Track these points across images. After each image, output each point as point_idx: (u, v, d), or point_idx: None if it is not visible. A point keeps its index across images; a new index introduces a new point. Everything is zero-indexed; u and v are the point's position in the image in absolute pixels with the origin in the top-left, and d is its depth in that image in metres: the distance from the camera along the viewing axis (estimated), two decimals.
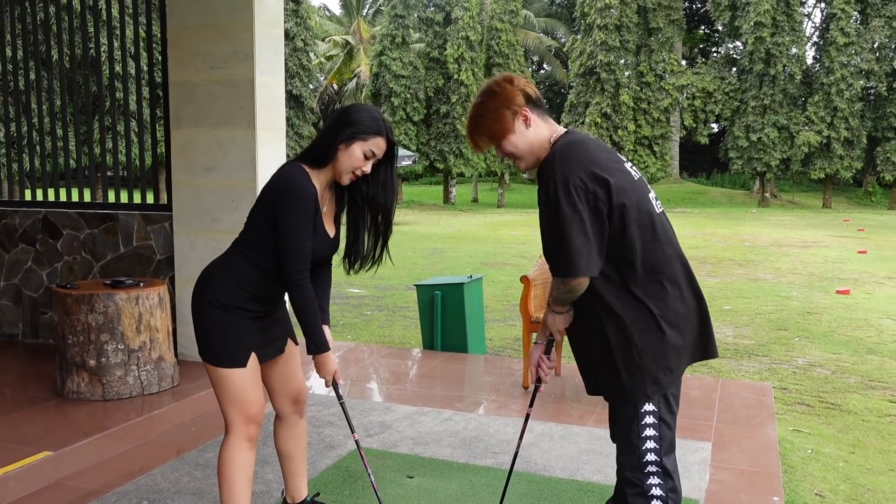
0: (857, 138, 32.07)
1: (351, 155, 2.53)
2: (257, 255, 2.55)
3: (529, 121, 2.33)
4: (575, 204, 2.16)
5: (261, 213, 2.53)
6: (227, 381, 2.55)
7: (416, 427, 4.18)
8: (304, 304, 2.50)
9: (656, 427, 2.28)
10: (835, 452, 4.51)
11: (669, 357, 2.25)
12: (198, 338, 2.60)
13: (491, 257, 14.74)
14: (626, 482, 2.31)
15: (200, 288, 2.61)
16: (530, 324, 4.83)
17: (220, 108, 4.81)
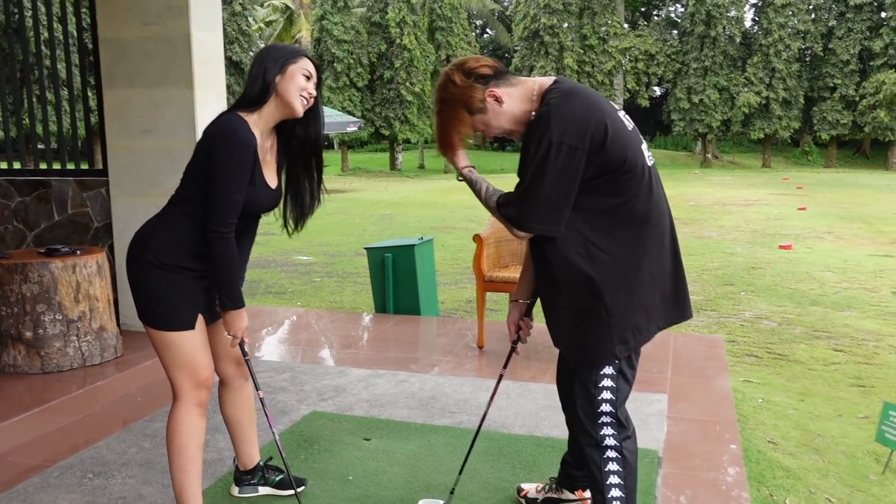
0: (794, 98, 32.83)
1: (292, 79, 2.40)
2: (195, 210, 2.40)
3: (500, 98, 2.22)
4: (560, 163, 2.07)
5: (197, 165, 2.38)
6: (175, 344, 2.42)
7: (370, 390, 4.11)
8: (226, 258, 2.35)
9: (615, 379, 2.24)
10: (784, 401, 4.60)
11: (638, 317, 2.20)
12: (138, 301, 2.45)
13: (440, 221, 14.67)
14: (582, 432, 2.28)
15: (138, 248, 2.45)
16: (484, 283, 4.77)
17: (155, 67, 4.57)
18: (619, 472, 2.22)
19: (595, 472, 2.24)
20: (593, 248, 2.16)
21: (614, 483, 2.21)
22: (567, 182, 2.09)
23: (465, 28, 33.75)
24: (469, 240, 11.83)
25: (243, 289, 2.53)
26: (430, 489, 2.94)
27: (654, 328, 2.25)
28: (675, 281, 2.28)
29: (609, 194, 2.15)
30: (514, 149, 48.31)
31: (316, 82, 2.47)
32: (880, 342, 5.88)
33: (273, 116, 2.45)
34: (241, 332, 2.45)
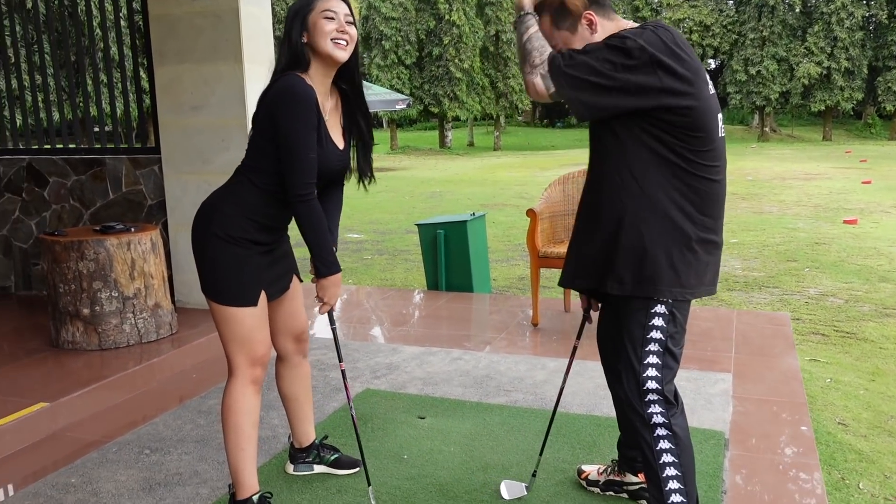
0: (857, 68, 31.57)
1: (315, 30, 2.28)
2: (263, 179, 2.33)
3: (595, 24, 2.10)
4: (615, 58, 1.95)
5: (261, 132, 2.31)
6: (235, 320, 2.36)
7: (424, 367, 4.04)
8: (311, 221, 2.28)
9: (661, 356, 2.12)
10: (854, 381, 4.40)
11: (699, 268, 2.10)
12: (202, 274, 2.40)
13: (490, 199, 14.53)
14: (630, 410, 2.18)
15: (204, 220, 2.39)
16: (538, 259, 4.65)
17: (204, 42, 4.54)
18: (672, 449, 2.11)
19: (647, 451, 2.14)
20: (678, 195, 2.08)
21: (668, 461, 2.11)
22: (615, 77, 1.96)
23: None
24: (520, 217, 11.67)
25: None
26: (487, 469, 2.86)
27: (698, 291, 2.15)
28: (709, 258, 2.17)
29: (690, 151, 2.06)
30: (564, 125, 47.68)
31: (347, 13, 2.33)
32: None
33: (323, 73, 2.35)
34: (334, 299, 2.40)
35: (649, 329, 2.12)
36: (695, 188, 2.08)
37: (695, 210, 2.09)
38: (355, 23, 2.37)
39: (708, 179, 2.10)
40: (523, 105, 34.50)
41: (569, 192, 4.97)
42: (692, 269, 2.11)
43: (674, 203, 2.08)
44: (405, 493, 2.69)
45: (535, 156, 28.46)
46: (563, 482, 2.76)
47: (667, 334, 2.13)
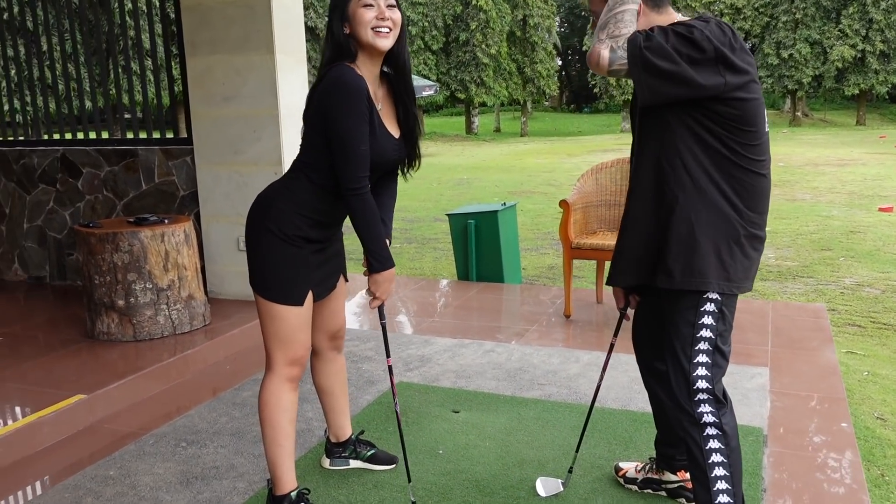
0: (893, 51, 30.85)
1: (356, 19, 2.23)
2: (317, 175, 2.31)
3: (639, 15, 2.06)
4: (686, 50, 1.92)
5: (313, 126, 2.28)
6: (280, 317, 2.35)
7: (457, 360, 4.03)
8: (365, 215, 2.25)
9: (710, 354, 2.10)
10: (892, 374, 4.31)
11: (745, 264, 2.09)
12: (252, 267, 2.39)
13: (518, 186, 14.45)
14: (678, 409, 2.14)
15: (260, 214, 2.37)
16: (571, 250, 4.61)
17: (236, 33, 4.54)
18: (722, 449, 2.08)
19: (696, 451, 2.10)
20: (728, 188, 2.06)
21: (717, 461, 2.07)
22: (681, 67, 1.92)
23: None
24: (549, 204, 11.60)
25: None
26: (523, 465, 2.85)
27: (744, 286, 2.12)
28: (753, 253, 2.13)
29: (739, 144, 2.03)
30: (591, 110, 47.26)
31: (391, 2, 2.26)
32: None
33: (371, 62, 2.30)
34: (387, 294, 2.38)
35: (699, 328, 2.08)
36: (743, 182, 2.05)
37: (742, 204, 2.06)
38: (399, 5, 2.30)
39: (756, 173, 2.06)
40: (550, 90, 34.22)
41: (602, 182, 4.91)
42: (740, 264, 2.09)
43: (724, 195, 2.05)
44: (441, 488, 2.68)
45: (563, 142, 28.25)
46: (600, 479, 2.73)
47: (716, 332, 2.10)
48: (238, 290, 4.88)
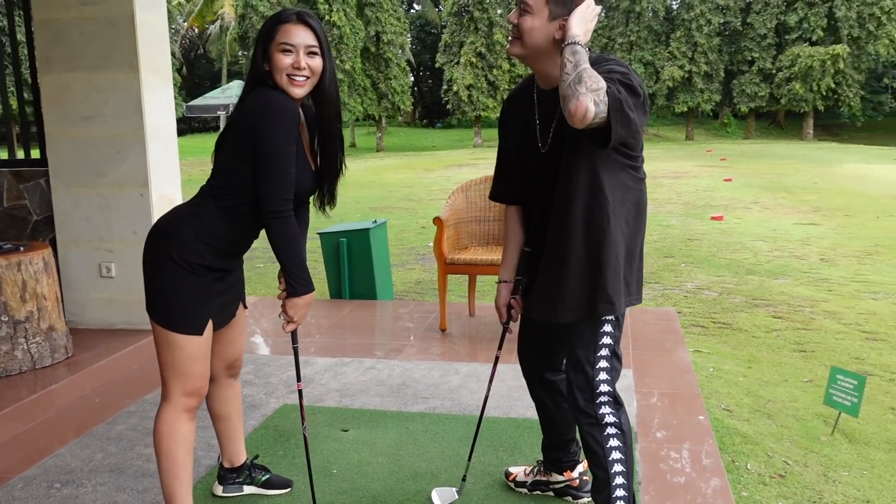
0: (715, 72, 33.79)
1: (273, 62, 2.23)
2: (231, 201, 2.26)
3: (562, 31, 2.10)
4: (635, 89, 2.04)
5: (236, 151, 2.22)
6: (178, 347, 2.29)
7: (339, 379, 4.06)
8: (288, 238, 2.21)
9: (609, 360, 2.28)
10: (734, 369, 4.76)
11: (625, 288, 2.25)
12: (151, 294, 2.31)
13: (379, 202, 14.56)
14: (578, 411, 2.31)
15: (161, 240, 2.29)
16: (445, 266, 4.76)
17: (96, 50, 4.35)
18: (620, 447, 2.26)
19: (597, 449, 2.27)
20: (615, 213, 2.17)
21: (616, 459, 2.26)
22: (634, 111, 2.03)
23: (395, 4, 33.36)
24: (411, 220, 11.79)
25: None
26: (417, 478, 2.93)
27: (630, 301, 2.30)
28: (641, 263, 2.34)
29: (631, 168, 2.18)
30: (443, 125, 48.23)
31: (310, 44, 2.24)
32: (815, 308, 6.13)
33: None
34: (304, 318, 2.35)
35: (601, 336, 2.26)
36: (635, 202, 2.23)
37: (633, 221, 2.24)
38: (324, 52, 2.28)
39: (643, 192, 2.26)
40: (405, 106, 34.67)
41: (471, 198, 5.10)
42: (635, 277, 2.28)
43: (626, 220, 2.21)
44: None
45: (419, 156, 28.68)
46: (492, 485, 2.87)
47: (614, 339, 2.28)
48: (101, 319, 4.65)
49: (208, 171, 2.34)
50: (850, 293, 6.58)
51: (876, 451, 3.41)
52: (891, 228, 10.05)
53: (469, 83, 32.38)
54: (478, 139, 34.64)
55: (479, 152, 29.75)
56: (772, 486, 3.05)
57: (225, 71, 40.62)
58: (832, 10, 32.12)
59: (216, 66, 43.15)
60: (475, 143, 34.53)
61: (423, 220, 11.66)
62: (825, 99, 32.99)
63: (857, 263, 7.86)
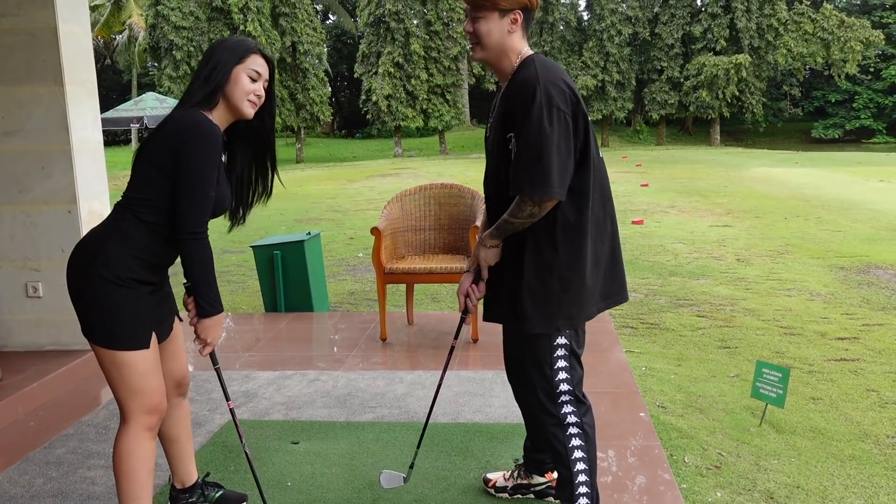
0: (627, 81, 34.89)
1: (237, 82, 2.32)
2: (151, 215, 2.26)
3: (516, 25, 2.27)
4: (556, 122, 2.13)
5: (156, 166, 2.23)
6: (127, 365, 2.26)
7: (283, 392, 4.03)
8: (203, 260, 2.24)
9: (567, 359, 2.36)
10: (664, 367, 4.95)
11: (585, 295, 2.32)
12: (86, 318, 2.27)
13: (303, 213, 14.41)
14: (543, 412, 2.38)
15: (87, 260, 2.25)
16: (384, 275, 4.78)
17: (17, 63, 4.20)
18: (583, 446, 2.34)
19: (560, 448, 2.34)
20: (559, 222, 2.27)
21: (579, 457, 2.33)
22: (563, 138, 2.17)
23: (310, 14, 33.11)
24: (338, 231, 11.73)
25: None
26: (373, 486, 2.95)
27: (593, 309, 2.38)
28: (613, 264, 2.42)
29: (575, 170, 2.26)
30: (363, 136, 48.10)
31: (268, 78, 2.41)
32: (735, 306, 6.44)
33: (225, 118, 2.37)
34: (216, 339, 2.36)
35: (555, 336, 2.33)
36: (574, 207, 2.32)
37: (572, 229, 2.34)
38: (272, 85, 2.44)
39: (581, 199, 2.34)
40: (325, 117, 34.42)
41: (406, 208, 5.15)
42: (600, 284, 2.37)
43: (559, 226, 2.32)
44: None
45: (340, 167, 28.51)
46: (447, 489, 2.91)
47: (571, 339, 2.35)
48: (28, 341, 4.47)
49: (124, 185, 2.36)
50: (766, 291, 6.93)
51: (801, 440, 3.62)
52: (798, 228, 10.62)
53: (388, 93, 32.42)
54: (398, 149, 34.71)
55: (400, 162, 29.82)
56: (709, 478, 3.20)
57: (135, 82, 39.41)
58: (734, 22, 33.70)
59: (125, 78, 41.84)
60: (396, 153, 34.58)
61: (350, 231, 11.63)
62: (730, 106, 34.53)
63: (770, 262, 8.28)
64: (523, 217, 2.24)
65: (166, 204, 2.26)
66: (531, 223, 2.25)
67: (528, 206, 2.21)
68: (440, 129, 34.30)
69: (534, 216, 2.22)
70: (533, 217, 2.23)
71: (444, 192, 5.14)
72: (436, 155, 34.23)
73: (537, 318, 2.29)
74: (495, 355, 4.59)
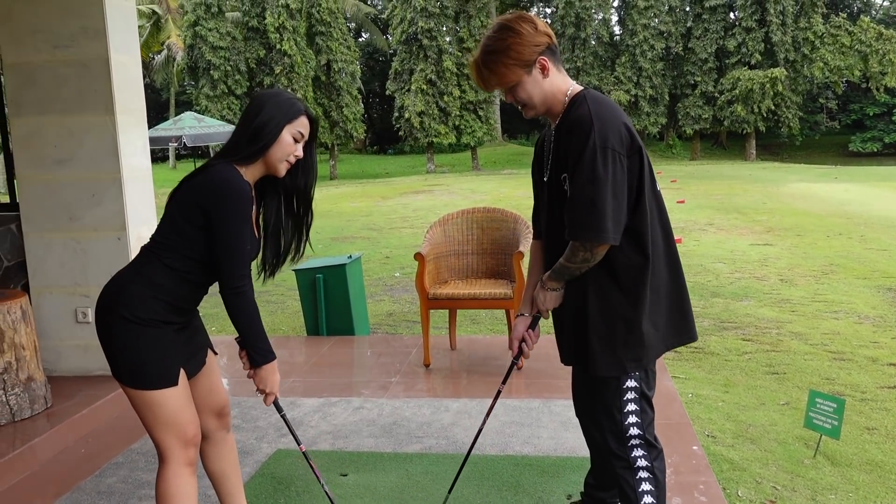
0: (660, 95, 34.64)
1: (281, 143, 2.33)
2: (178, 261, 2.28)
3: (548, 70, 2.24)
4: (610, 165, 2.11)
5: (187, 218, 2.26)
6: (158, 404, 2.27)
7: (329, 420, 4.01)
8: (249, 312, 2.26)
9: (637, 402, 2.31)
10: (712, 394, 4.85)
11: (652, 335, 2.27)
12: (114, 359, 2.29)
13: (339, 232, 14.48)
14: (612, 455, 2.33)
15: (110, 302, 2.29)
16: (428, 301, 4.76)
17: (69, 93, 4.27)
18: (652, 491, 2.29)
19: (629, 492, 2.30)
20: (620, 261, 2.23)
21: (648, 502, 2.28)
22: (618, 181, 2.14)
23: (344, 33, 33.47)
24: (374, 250, 11.75)
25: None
26: None
27: (662, 347, 2.34)
28: (679, 299, 2.37)
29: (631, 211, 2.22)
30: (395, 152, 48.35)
31: (308, 139, 2.41)
32: (781, 329, 6.30)
33: (258, 172, 2.39)
34: (275, 387, 2.36)
35: (625, 380, 2.29)
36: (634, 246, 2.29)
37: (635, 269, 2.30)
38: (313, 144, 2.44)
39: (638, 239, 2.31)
40: (358, 134, 34.69)
41: (449, 233, 5.14)
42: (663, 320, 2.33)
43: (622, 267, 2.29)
44: None
45: (373, 184, 28.65)
46: None
47: (642, 381, 2.31)
48: (77, 366, 4.53)
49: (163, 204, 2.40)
50: (813, 313, 6.78)
51: (858, 473, 3.51)
52: (842, 247, 10.40)
53: (420, 110, 32.55)
54: (430, 165, 34.81)
55: (432, 178, 29.88)
56: None
57: (172, 101, 40.11)
58: (768, 35, 33.31)
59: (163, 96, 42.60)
60: (428, 170, 34.68)
61: (386, 250, 11.65)
62: (766, 120, 34.08)
63: (815, 283, 8.11)
64: (577, 262, 2.23)
65: (194, 253, 2.27)
66: (587, 267, 2.22)
67: (580, 252, 2.20)
68: (472, 145, 34.34)
69: (587, 261, 2.21)
70: (587, 262, 2.21)
71: (487, 216, 5.12)
72: (468, 171, 34.26)
73: (605, 362, 2.26)
74: (541, 382, 4.53)
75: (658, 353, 2.33)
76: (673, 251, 2.35)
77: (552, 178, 2.32)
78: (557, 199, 2.30)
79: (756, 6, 33.35)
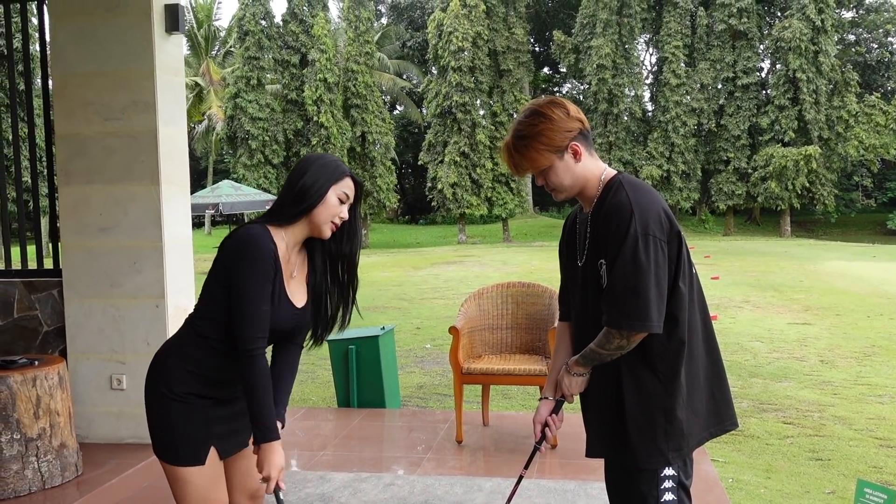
0: (692, 171, 34.71)
1: (327, 204, 2.30)
2: (208, 328, 2.27)
3: (580, 155, 2.23)
4: (652, 252, 2.09)
5: (215, 277, 2.26)
6: (184, 480, 2.25)
7: (360, 496, 3.93)
8: (254, 378, 2.17)
9: (675, 491, 2.23)
10: (753, 479, 4.68)
11: (693, 423, 2.21)
12: (152, 432, 2.30)
13: (369, 301, 14.50)
14: None
15: (153, 376, 2.30)
16: (461, 375, 4.70)
17: (116, 163, 4.41)
18: None
19: None
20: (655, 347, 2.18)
21: None
22: (660, 269, 2.11)
23: (380, 105, 34.31)
24: (404, 320, 11.74)
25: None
26: None
27: (705, 434, 2.27)
28: (718, 383, 2.31)
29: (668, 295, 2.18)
30: (426, 222, 48.80)
31: (353, 202, 2.39)
32: (823, 413, 6.11)
33: (303, 234, 2.36)
34: (277, 470, 2.21)
35: (662, 468, 2.22)
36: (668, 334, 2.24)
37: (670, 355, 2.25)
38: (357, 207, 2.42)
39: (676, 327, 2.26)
40: (391, 203, 35.14)
41: (483, 306, 5.11)
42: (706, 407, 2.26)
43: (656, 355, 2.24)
44: None
45: (405, 253, 28.83)
46: None
47: (679, 470, 2.24)
48: (109, 433, 4.52)
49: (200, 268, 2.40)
50: (856, 397, 6.57)
51: None
52: (883, 328, 10.14)
53: (453, 181, 32.96)
54: (462, 236, 35.01)
55: (463, 249, 30.01)
56: None
57: (211, 168, 41.16)
58: (802, 113, 33.41)
59: (202, 164, 43.76)
60: (460, 240, 34.87)
61: (417, 321, 11.62)
62: (800, 197, 33.89)
63: (857, 365, 7.89)
64: (611, 349, 2.18)
65: (223, 315, 2.25)
66: (619, 354, 2.18)
67: (616, 339, 2.16)
68: (504, 216, 34.56)
69: (622, 349, 2.17)
70: (622, 349, 2.17)
71: (522, 290, 5.10)
72: (499, 242, 34.37)
73: (644, 453, 2.19)
74: (576, 463, 4.41)
75: (700, 441, 2.26)
76: (711, 335, 2.31)
77: (587, 264, 2.30)
78: (593, 284, 2.27)
79: (789, 85, 33.58)
